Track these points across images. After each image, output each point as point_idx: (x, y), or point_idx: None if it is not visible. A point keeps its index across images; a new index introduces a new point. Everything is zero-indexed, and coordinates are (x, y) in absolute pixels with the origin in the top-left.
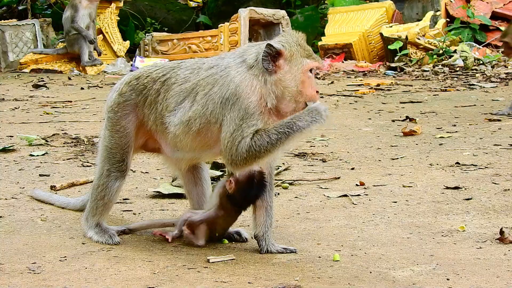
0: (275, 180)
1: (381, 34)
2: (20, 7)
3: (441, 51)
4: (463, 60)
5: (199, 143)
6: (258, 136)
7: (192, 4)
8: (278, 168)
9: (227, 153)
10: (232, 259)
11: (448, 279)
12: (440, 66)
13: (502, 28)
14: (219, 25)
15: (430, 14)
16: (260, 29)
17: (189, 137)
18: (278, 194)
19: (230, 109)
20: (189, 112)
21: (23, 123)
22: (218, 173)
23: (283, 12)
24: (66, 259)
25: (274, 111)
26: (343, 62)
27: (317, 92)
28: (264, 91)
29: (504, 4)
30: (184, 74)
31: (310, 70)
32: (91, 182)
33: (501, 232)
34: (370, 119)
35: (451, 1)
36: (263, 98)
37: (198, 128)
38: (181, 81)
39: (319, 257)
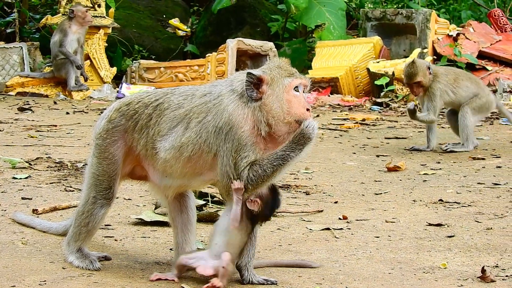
0: None
1: (367, 69)
2: (8, 30)
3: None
4: None
5: (189, 170)
6: (253, 171)
7: (180, 33)
8: None
9: (224, 185)
10: None
11: None
12: None
13: (489, 68)
14: (207, 55)
15: (417, 51)
16: (248, 60)
17: (180, 163)
18: (261, 225)
19: (224, 139)
20: (182, 138)
21: (7, 145)
22: (201, 202)
23: (270, 44)
24: (45, 283)
25: (268, 137)
26: (329, 96)
27: (307, 109)
28: (255, 119)
29: (491, 44)
30: (178, 100)
31: (296, 89)
32: (74, 207)
33: (483, 271)
34: (354, 153)
35: (438, 39)
36: (256, 127)
37: (190, 155)
38: (175, 106)
39: None
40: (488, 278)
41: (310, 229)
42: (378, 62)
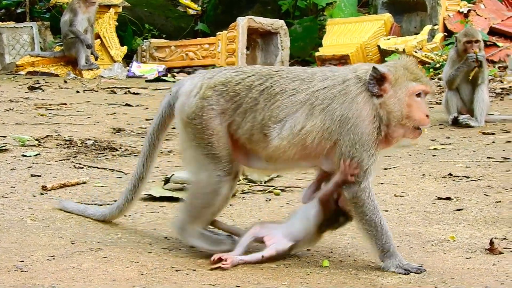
0: (267, 186)
1: (378, 47)
2: (19, 10)
3: (438, 65)
4: None
5: (300, 156)
6: (365, 192)
7: (191, 12)
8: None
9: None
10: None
11: None
12: (436, 80)
13: (500, 44)
14: (217, 33)
15: (428, 28)
16: (258, 38)
17: (294, 149)
18: (270, 200)
19: (347, 130)
20: (305, 125)
21: (17, 124)
22: None
23: (281, 22)
24: (54, 258)
25: (383, 137)
26: None
27: (427, 116)
28: (379, 117)
29: (502, 20)
30: (293, 85)
31: (418, 95)
32: (83, 183)
33: (491, 243)
34: None
35: (449, 16)
36: (379, 125)
37: (312, 142)
38: (290, 91)
39: (308, 262)
40: (496, 250)
41: None
42: (388, 39)
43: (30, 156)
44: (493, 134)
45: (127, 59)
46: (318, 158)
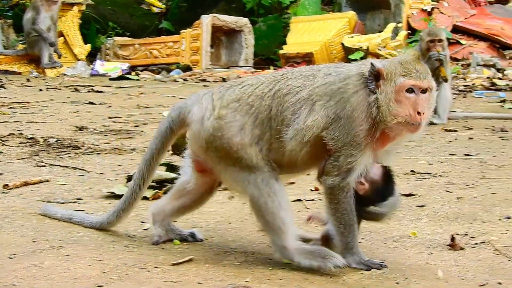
0: None
1: (342, 44)
2: None
3: None
4: None
5: (312, 156)
6: (343, 191)
7: (155, 10)
8: None
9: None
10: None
11: (397, 283)
12: None
13: (463, 42)
14: (181, 31)
15: (392, 25)
16: (222, 36)
17: (304, 149)
18: (233, 197)
19: (338, 127)
20: (306, 121)
21: None
22: (173, 175)
23: (245, 20)
24: (15, 257)
25: (379, 135)
26: None
27: (419, 113)
28: (373, 115)
29: (465, 18)
30: (298, 82)
31: (409, 90)
32: (46, 181)
33: (452, 239)
34: None
35: (413, 14)
36: (373, 124)
37: (315, 140)
38: (296, 90)
39: (270, 259)
40: (458, 246)
41: None
42: (352, 37)
43: None
44: (455, 131)
45: (91, 57)
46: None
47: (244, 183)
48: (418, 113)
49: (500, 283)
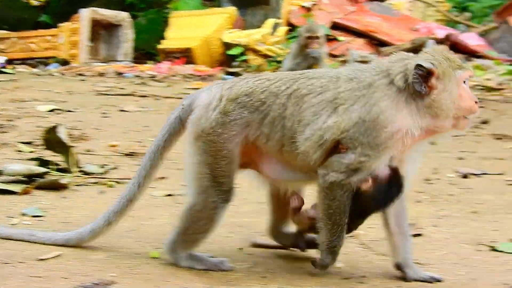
0: (101, 178)
1: (222, 40)
2: None
3: (280, 58)
4: None
5: (323, 162)
6: (342, 188)
7: (35, 3)
8: (104, 167)
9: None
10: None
11: (264, 277)
12: None
13: (341, 38)
14: (59, 25)
15: (271, 21)
16: (101, 30)
17: (318, 152)
18: (103, 192)
19: (361, 129)
20: (327, 122)
21: None
22: (43, 169)
23: (125, 14)
24: None
25: (423, 133)
26: (184, 66)
27: (475, 102)
28: (412, 121)
29: (345, 15)
30: (321, 83)
31: (464, 82)
32: None
33: None
34: None
35: (293, 10)
36: (408, 131)
37: (330, 143)
38: (319, 90)
39: (138, 254)
40: None
41: (153, 196)
42: (231, 32)
43: None
44: None
45: None
46: None
47: (199, 189)
48: (476, 102)
49: (364, 277)
